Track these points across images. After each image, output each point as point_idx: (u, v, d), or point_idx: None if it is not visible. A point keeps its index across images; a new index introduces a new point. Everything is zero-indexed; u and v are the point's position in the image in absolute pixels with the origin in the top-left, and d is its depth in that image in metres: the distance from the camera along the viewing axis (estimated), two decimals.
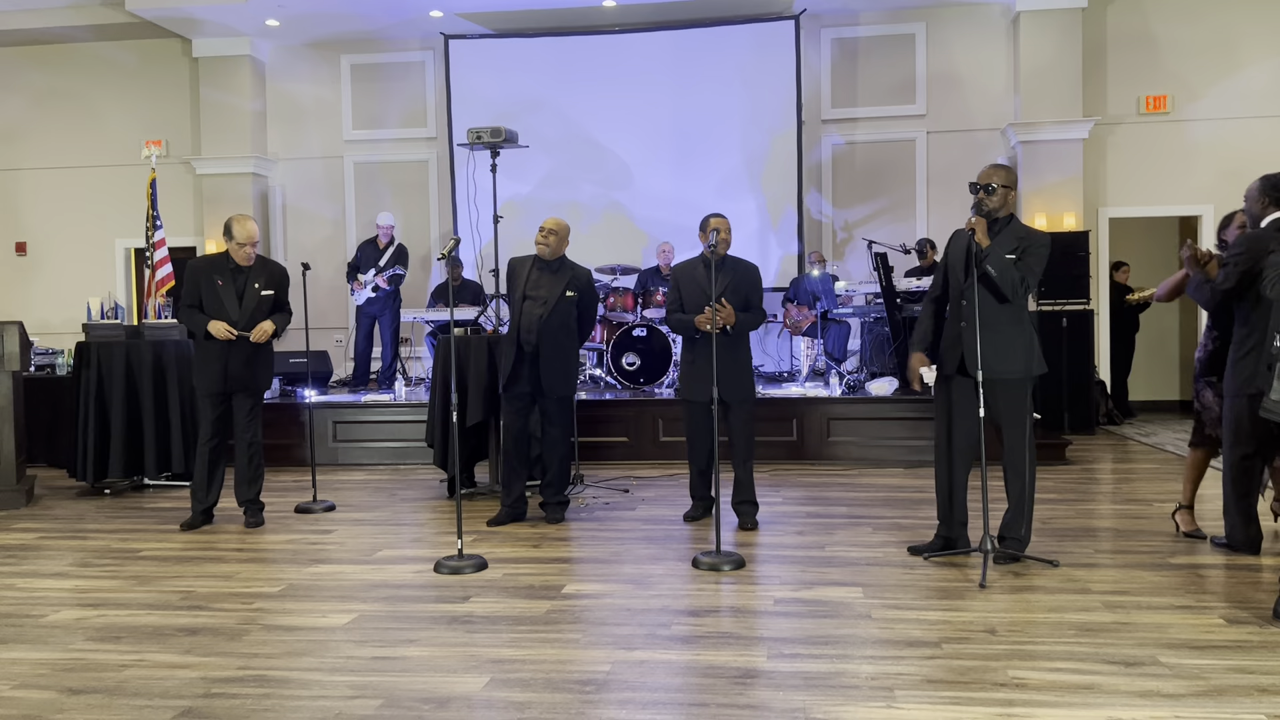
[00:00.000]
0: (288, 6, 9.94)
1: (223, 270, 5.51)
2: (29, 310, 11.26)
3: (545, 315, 5.37)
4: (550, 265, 5.48)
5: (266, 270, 5.60)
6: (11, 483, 6.31)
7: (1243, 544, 4.58)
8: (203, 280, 5.48)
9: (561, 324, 5.42)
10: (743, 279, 5.34)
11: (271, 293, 5.56)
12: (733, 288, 5.27)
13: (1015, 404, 4.39)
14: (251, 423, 5.57)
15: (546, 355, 5.37)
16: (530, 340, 5.36)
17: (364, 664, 3.33)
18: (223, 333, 5.37)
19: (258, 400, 5.59)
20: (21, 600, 4.20)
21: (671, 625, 3.67)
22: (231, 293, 5.47)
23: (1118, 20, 10.04)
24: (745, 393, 5.31)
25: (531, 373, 5.39)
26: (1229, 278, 4.39)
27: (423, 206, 11.09)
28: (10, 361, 6.29)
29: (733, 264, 5.36)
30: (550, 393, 5.40)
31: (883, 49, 10.39)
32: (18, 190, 11.54)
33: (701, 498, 5.54)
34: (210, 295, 5.46)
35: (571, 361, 5.54)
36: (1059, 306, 9.09)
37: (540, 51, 10.59)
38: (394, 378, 9.17)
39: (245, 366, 5.48)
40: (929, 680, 3.08)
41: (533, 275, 5.47)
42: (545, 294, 5.41)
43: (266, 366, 5.63)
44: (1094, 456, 7.66)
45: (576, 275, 5.53)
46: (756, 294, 5.37)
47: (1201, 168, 9.91)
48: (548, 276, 5.47)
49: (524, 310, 5.40)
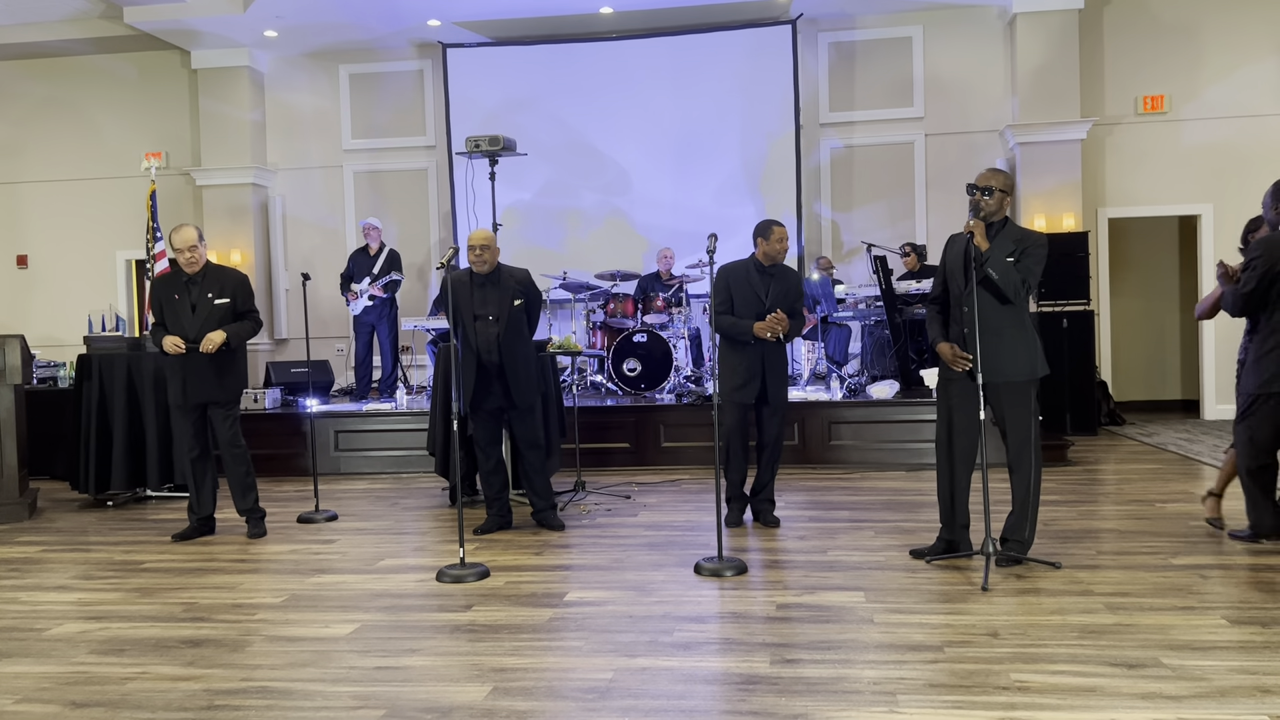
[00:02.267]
0: (286, 17, 9.97)
1: (178, 284, 5.50)
2: (30, 323, 11.28)
3: (501, 332, 5.36)
4: (490, 278, 5.43)
5: (221, 278, 5.56)
6: (14, 495, 6.32)
7: (1272, 530, 4.71)
8: (163, 296, 5.50)
9: (517, 335, 5.43)
10: (791, 286, 5.48)
11: (227, 300, 5.52)
12: (783, 293, 5.42)
13: (1019, 406, 4.40)
14: (228, 432, 5.55)
15: (511, 369, 5.37)
16: (492, 360, 5.36)
17: (367, 674, 3.33)
18: (172, 346, 5.38)
19: (231, 409, 5.57)
20: (24, 614, 4.20)
21: (674, 632, 3.67)
22: (186, 305, 5.46)
23: (1114, 21, 10.06)
24: (786, 395, 5.51)
25: (500, 388, 5.40)
26: (1248, 281, 4.61)
27: (422, 215, 11.11)
28: (12, 375, 6.30)
29: (781, 271, 5.49)
30: (522, 403, 5.43)
31: (880, 52, 10.41)
32: (18, 203, 11.57)
33: (738, 497, 5.61)
34: (169, 310, 5.48)
35: (533, 367, 5.57)
36: (1059, 307, 9.09)
37: (538, 59, 10.61)
38: (395, 387, 9.18)
39: (207, 377, 5.46)
40: (932, 684, 3.08)
41: (476, 294, 5.41)
42: (495, 310, 5.38)
43: (233, 375, 5.58)
44: (1096, 457, 7.66)
45: (518, 280, 5.49)
46: (800, 300, 5.53)
47: (1200, 167, 9.92)
48: (491, 291, 5.41)
49: (478, 330, 5.37)
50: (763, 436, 5.50)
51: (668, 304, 8.85)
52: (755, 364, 5.35)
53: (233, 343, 5.49)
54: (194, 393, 5.46)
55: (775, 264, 5.44)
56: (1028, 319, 4.45)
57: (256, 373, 10.58)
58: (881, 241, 9.50)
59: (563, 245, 10.61)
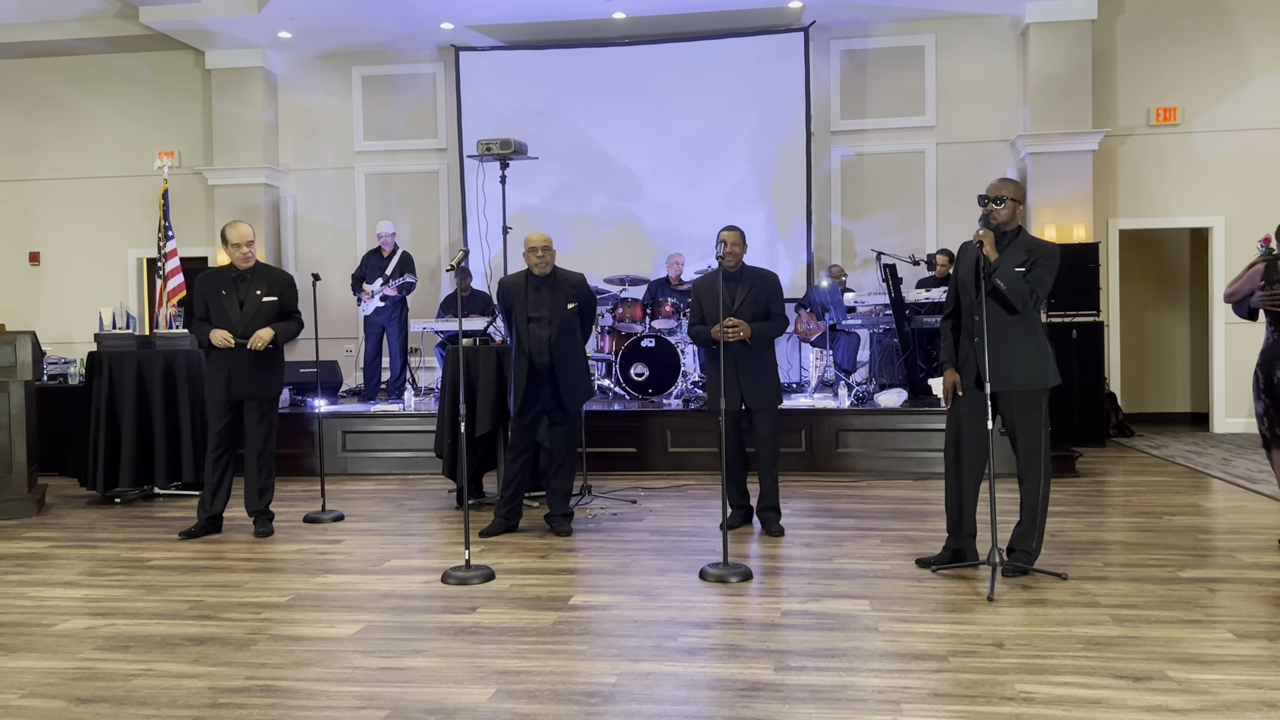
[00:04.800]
0: (299, 19, 10.01)
1: (226, 280, 5.56)
2: (42, 320, 11.34)
3: (553, 335, 5.37)
4: (545, 281, 5.46)
5: (269, 277, 5.63)
6: (23, 491, 6.35)
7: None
8: (208, 291, 5.54)
9: (569, 339, 5.44)
10: (762, 288, 5.41)
11: (275, 299, 5.58)
12: (752, 297, 5.37)
13: (1029, 416, 4.38)
14: (261, 431, 5.59)
15: (562, 373, 5.39)
16: (543, 362, 5.37)
17: (371, 674, 3.34)
18: (221, 340, 5.41)
19: (268, 408, 5.61)
20: (31, 609, 4.22)
21: (678, 637, 3.67)
22: (234, 301, 5.52)
23: (1127, 32, 10.04)
24: (769, 400, 5.42)
25: (549, 390, 5.42)
26: None
27: (432, 217, 11.14)
28: (23, 371, 6.33)
29: (751, 273, 5.46)
30: (571, 406, 5.44)
31: (892, 61, 10.41)
32: (31, 201, 11.63)
33: (739, 506, 5.62)
34: (215, 305, 5.51)
35: (585, 372, 5.58)
36: (1069, 318, 9.07)
37: (550, 63, 10.63)
38: (403, 388, 9.20)
39: (251, 373, 5.50)
40: (936, 694, 3.07)
41: (530, 295, 5.44)
42: (547, 313, 5.40)
43: (274, 374, 5.64)
44: (1104, 469, 7.63)
45: (572, 284, 5.52)
46: (777, 302, 5.46)
47: (1212, 179, 9.89)
48: (545, 294, 5.44)
49: (531, 332, 5.39)
50: (755, 443, 5.47)
51: (676, 309, 8.85)
52: (729, 371, 5.29)
53: (280, 341, 5.55)
54: (237, 388, 5.49)
55: (742, 268, 5.41)
56: (1039, 328, 4.43)
57: None
58: (891, 250, 9.49)
59: (572, 249, 10.61)
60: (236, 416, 5.59)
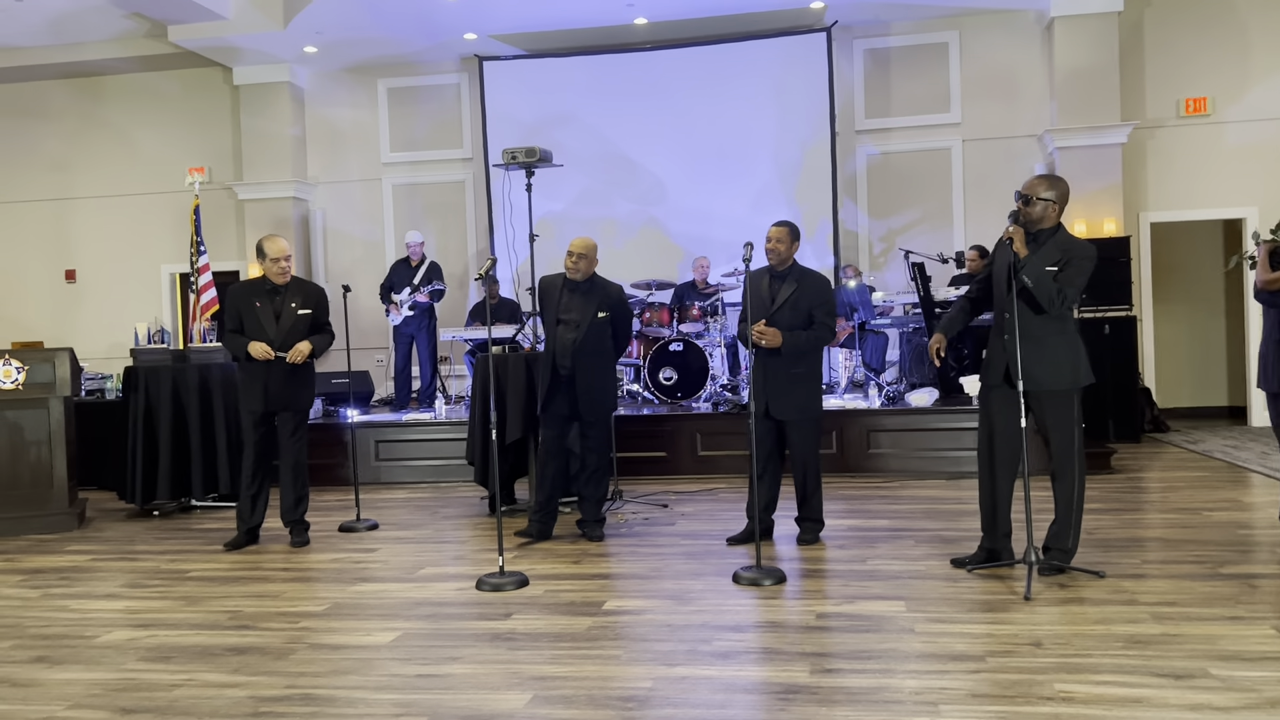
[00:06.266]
0: (325, 33, 10.12)
1: (260, 292, 5.62)
2: (79, 337, 11.51)
3: (579, 339, 5.36)
4: (580, 286, 5.47)
5: (303, 290, 5.69)
6: (64, 506, 6.44)
7: None
8: (241, 304, 5.60)
9: (595, 346, 5.41)
10: (807, 292, 5.11)
11: (309, 312, 5.64)
12: (792, 301, 5.08)
13: (1062, 414, 4.34)
14: (296, 442, 5.65)
15: (582, 379, 5.37)
16: (565, 365, 5.38)
17: (408, 682, 3.36)
18: (261, 353, 5.46)
19: (301, 420, 5.67)
20: (75, 621, 4.28)
21: (713, 641, 3.67)
22: (270, 313, 5.57)
23: (1155, 22, 9.93)
24: (804, 411, 5.13)
25: (568, 396, 5.41)
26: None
27: (460, 226, 11.21)
28: (61, 387, 6.44)
29: (799, 275, 5.15)
30: (588, 415, 5.41)
31: (916, 58, 10.36)
32: (68, 219, 11.82)
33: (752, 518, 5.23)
34: (250, 318, 5.57)
35: (609, 383, 5.53)
36: (1101, 313, 8.97)
37: (573, 71, 10.67)
38: (434, 396, 9.25)
39: (286, 385, 5.56)
40: (974, 695, 3.05)
41: (564, 297, 5.46)
42: (577, 317, 5.40)
43: (308, 386, 5.71)
44: (1140, 465, 7.54)
45: (608, 294, 5.51)
46: (822, 309, 5.12)
47: (1244, 169, 9.75)
48: (579, 298, 5.45)
49: (558, 334, 5.40)
50: (791, 452, 5.23)
51: (703, 313, 8.84)
52: (758, 375, 5.10)
53: (316, 354, 5.61)
54: (273, 400, 5.55)
55: (790, 267, 5.13)
56: (1071, 326, 4.39)
57: None
58: (920, 248, 9.43)
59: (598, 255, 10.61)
60: (270, 428, 5.65)
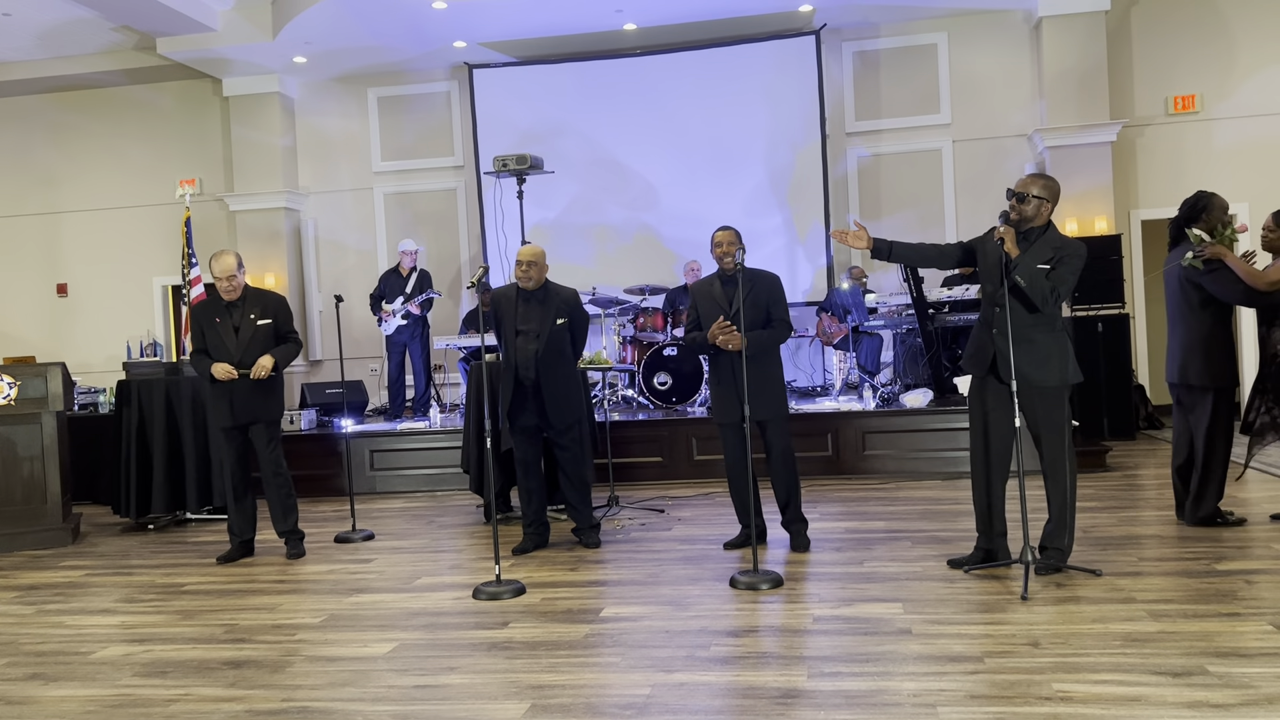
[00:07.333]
0: (314, 43, 10.12)
1: (219, 308, 5.57)
2: (71, 350, 11.48)
3: (540, 350, 5.31)
4: (535, 295, 5.40)
5: (262, 300, 5.65)
6: (58, 521, 6.42)
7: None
8: (204, 321, 5.57)
9: (557, 354, 5.37)
10: (762, 291, 5.08)
11: (269, 321, 5.60)
12: (751, 301, 5.02)
13: (1052, 412, 4.35)
14: (272, 452, 5.62)
15: (548, 388, 5.32)
16: (529, 375, 5.33)
17: (405, 693, 3.35)
18: (224, 373, 5.45)
19: (274, 430, 5.65)
20: (70, 637, 4.26)
21: (711, 646, 3.66)
22: (229, 328, 5.54)
23: (1142, 21, 9.97)
24: (775, 409, 5.11)
25: (535, 406, 5.37)
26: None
27: (452, 234, 11.20)
28: (54, 402, 6.41)
29: (752, 275, 5.07)
30: (558, 423, 5.37)
31: (905, 60, 10.39)
32: (59, 233, 11.80)
33: (745, 525, 5.26)
34: (212, 335, 5.55)
35: (573, 388, 5.47)
36: (1094, 311, 8.99)
37: (563, 77, 10.68)
38: (428, 405, 9.24)
39: (252, 397, 5.53)
40: (973, 696, 3.05)
41: (520, 308, 5.39)
42: (535, 326, 5.34)
43: (275, 395, 5.66)
44: (1135, 462, 7.55)
45: (564, 300, 5.43)
46: (778, 306, 5.11)
47: (1234, 166, 9.79)
48: (535, 307, 5.38)
49: (518, 345, 5.34)
50: (768, 455, 5.15)
51: None
52: (727, 380, 5.02)
53: (281, 367, 5.58)
54: (241, 413, 5.53)
55: (740, 270, 4.88)
56: (1060, 324, 4.39)
57: (292, 394, 10.68)
58: None
59: (591, 260, 10.65)
60: (245, 442, 5.64)
